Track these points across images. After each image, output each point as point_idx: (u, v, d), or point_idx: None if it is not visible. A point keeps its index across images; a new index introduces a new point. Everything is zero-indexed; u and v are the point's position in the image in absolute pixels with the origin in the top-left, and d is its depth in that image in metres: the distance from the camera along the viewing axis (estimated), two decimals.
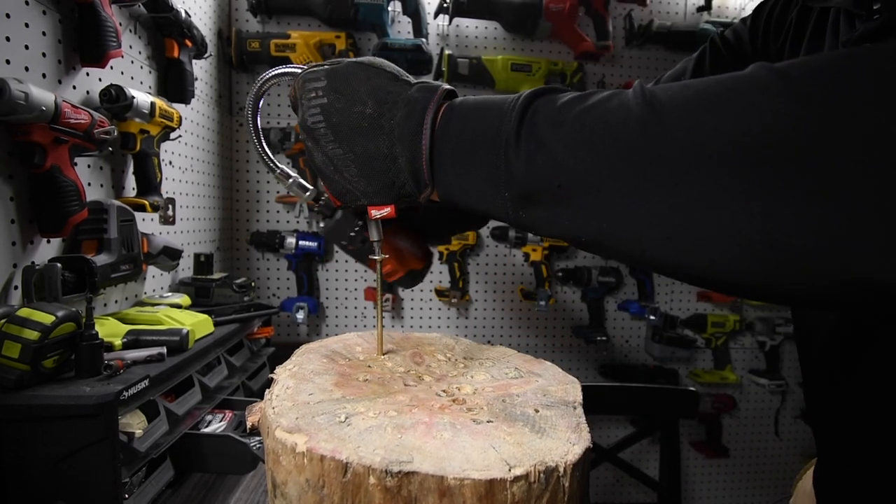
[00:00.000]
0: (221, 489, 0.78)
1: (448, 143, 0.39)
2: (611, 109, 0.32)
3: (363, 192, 0.44)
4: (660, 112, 0.29)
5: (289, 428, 0.38)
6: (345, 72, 0.42)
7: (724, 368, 1.84)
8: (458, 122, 0.39)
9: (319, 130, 0.42)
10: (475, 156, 0.37)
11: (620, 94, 0.32)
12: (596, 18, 1.65)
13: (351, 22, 1.52)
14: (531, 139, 0.34)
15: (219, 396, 0.88)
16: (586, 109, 0.33)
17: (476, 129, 0.38)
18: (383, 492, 0.33)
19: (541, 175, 0.34)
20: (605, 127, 0.31)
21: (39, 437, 0.56)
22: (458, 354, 0.60)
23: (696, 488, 1.96)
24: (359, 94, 0.41)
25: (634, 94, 0.31)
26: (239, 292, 1.12)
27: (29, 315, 0.58)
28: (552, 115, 0.34)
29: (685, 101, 0.29)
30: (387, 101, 0.41)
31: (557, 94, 0.36)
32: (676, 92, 0.30)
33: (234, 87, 1.61)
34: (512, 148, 0.35)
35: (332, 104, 0.42)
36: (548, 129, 0.34)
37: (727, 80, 0.28)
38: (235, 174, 1.64)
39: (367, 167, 0.42)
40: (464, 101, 0.40)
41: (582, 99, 0.34)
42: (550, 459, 0.36)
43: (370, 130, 0.41)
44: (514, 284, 1.77)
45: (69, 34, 0.79)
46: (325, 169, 0.44)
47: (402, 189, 0.42)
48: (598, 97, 0.33)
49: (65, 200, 0.72)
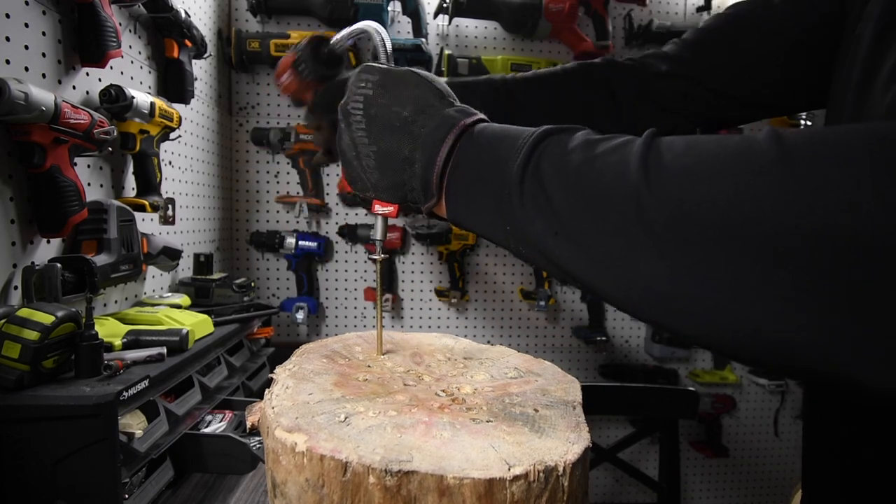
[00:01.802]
0: (221, 489, 0.78)
1: (462, 168, 0.40)
2: (611, 166, 0.32)
3: (374, 184, 0.45)
4: (656, 176, 0.29)
5: (289, 427, 0.38)
6: (398, 74, 0.45)
7: (724, 368, 1.84)
8: (475, 149, 0.40)
9: (356, 116, 0.45)
10: (484, 185, 0.38)
11: (627, 146, 0.32)
12: (595, 18, 1.65)
13: (351, 22, 1.52)
14: (534, 181, 0.35)
15: (219, 396, 0.88)
16: (589, 160, 0.33)
17: (489, 159, 0.38)
18: (383, 491, 0.34)
19: (539, 219, 0.34)
20: (602, 187, 0.31)
21: (39, 437, 0.56)
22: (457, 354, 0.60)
23: (696, 488, 1.96)
24: (402, 97, 0.43)
25: (638, 151, 0.31)
26: (239, 292, 1.12)
27: (29, 315, 0.58)
28: (557, 160, 0.34)
29: (683, 169, 0.29)
30: (425, 111, 0.42)
31: (570, 135, 0.36)
32: (680, 154, 0.29)
33: (234, 87, 1.61)
34: (515, 186, 0.35)
35: (375, 98, 0.44)
36: (550, 175, 0.34)
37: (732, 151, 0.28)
38: (235, 174, 1.64)
39: (385, 163, 0.44)
40: (486, 128, 0.41)
41: (589, 147, 0.34)
42: (550, 459, 0.36)
43: (400, 131, 0.42)
44: (514, 284, 1.77)
45: (69, 34, 0.79)
46: (348, 152, 0.46)
47: (410, 193, 0.44)
48: (604, 148, 0.33)
49: (65, 200, 0.72)
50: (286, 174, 1.65)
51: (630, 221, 0.30)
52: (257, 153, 1.64)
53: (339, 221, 1.68)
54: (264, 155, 1.64)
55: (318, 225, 1.68)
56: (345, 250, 1.69)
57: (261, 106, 1.62)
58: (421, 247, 1.72)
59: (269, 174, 1.65)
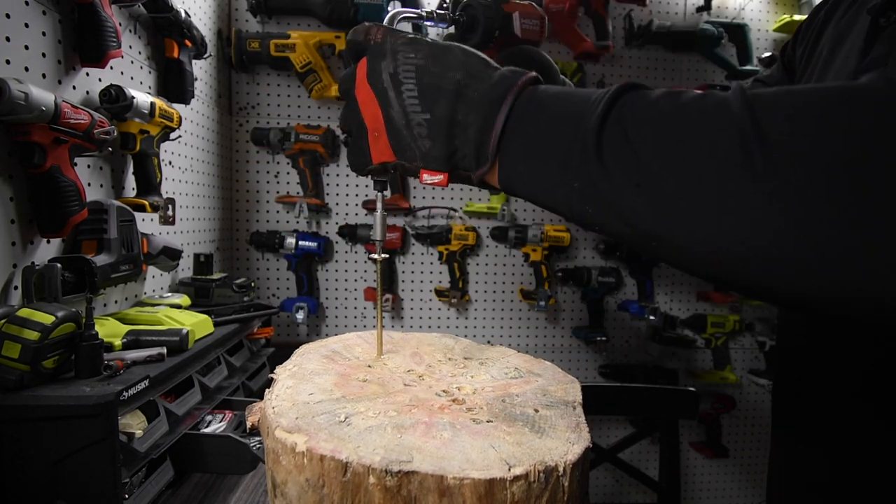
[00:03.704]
0: (221, 489, 0.78)
1: (522, 126, 0.39)
2: (708, 109, 0.30)
3: (424, 153, 0.44)
4: (760, 120, 0.27)
5: (289, 428, 0.38)
6: (445, 45, 0.44)
7: (724, 368, 1.84)
8: (537, 107, 0.38)
9: (407, 85, 0.43)
10: (550, 141, 0.36)
11: (717, 95, 0.30)
12: (595, 18, 1.65)
13: (351, 22, 1.52)
14: (616, 133, 0.33)
15: (219, 397, 0.88)
16: (680, 106, 0.31)
17: (557, 114, 0.37)
18: (383, 491, 0.33)
19: (620, 171, 0.32)
20: (700, 129, 0.29)
21: (39, 437, 0.56)
22: (457, 354, 0.60)
23: (696, 488, 1.96)
24: (453, 64, 0.43)
25: (734, 95, 0.29)
26: (239, 292, 1.12)
27: (29, 315, 0.58)
28: (642, 110, 0.33)
29: (790, 110, 0.27)
30: (477, 75, 0.42)
31: (649, 90, 0.34)
32: (782, 97, 0.28)
33: (234, 87, 1.61)
34: (592, 138, 0.33)
35: (427, 66, 0.43)
36: (635, 125, 0.32)
37: (839, 91, 0.27)
38: (235, 174, 1.64)
39: (438, 129, 0.43)
40: (548, 88, 0.40)
41: (675, 96, 0.32)
42: (550, 459, 0.36)
43: (454, 95, 0.41)
44: (514, 284, 1.77)
45: (69, 34, 0.79)
46: (398, 121, 0.44)
47: (461, 161, 0.43)
48: (693, 95, 0.31)
49: (65, 200, 0.72)
50: (286, 174, 1.65)
51: (735, 167, 0.27)
52: (257, 153, 1.64)
53: (339, 221, 1.68)
54: (264, 155, 1.64)
55: (318, 225, 1.68)
56: (345, 250, 1.69)
57: (261, 106, 1.62)
58: (421, 247, 1.72)
59: (269, 174, 1.65)
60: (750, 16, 1.81)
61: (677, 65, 1.80)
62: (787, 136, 0.26)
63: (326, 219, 1.68)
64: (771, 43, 1.85)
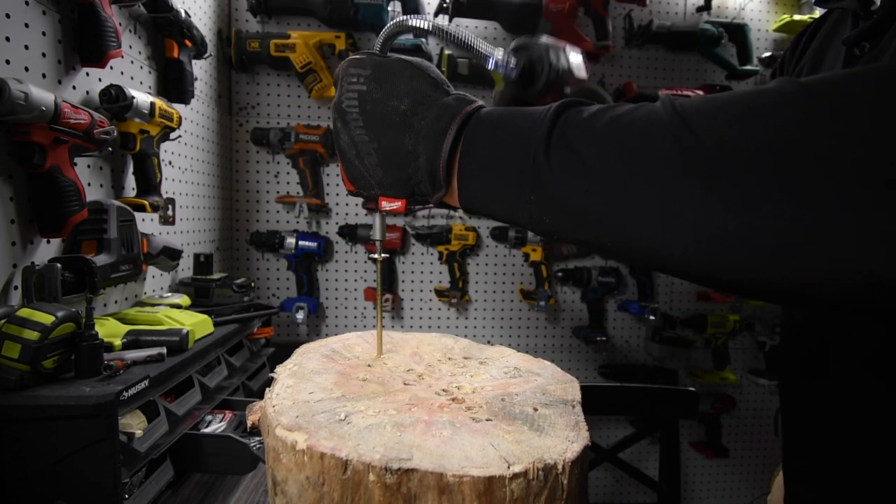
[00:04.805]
0: (221, 489, 0.79)
1: (475, 148, 0.40)
2: (640, 118, 0.32)
3: (378, 181, 0.45)
4: (690, 121, 0.30)
5: (289, 426, 0.38)
6: (390, 66, 0.43)
7: (724, 369, 1.84)
8: (487, 129, 0.40)
9: (352, 115, 0.43)
10: (503, 160, 0.38)
11: (647, 105, 0.33)
12: (595, 18, 1.65)
13: (351, 22, 1.52)
14: (562, 145, 0.35)
15: (219, 396, 0.88)
16: (616, 118, 0.34)
17: (506, 134, 0.38)
18: (383, 489, 0.34)
19: (569, 179, 0.34)
20: (636, 134, 0.32)
21: (39, 437, 0.56)
22: (457, 354, 0.60)
23: (696, 488, 1.96)
24: (398, 90, 0.42)
25: (663, 104, 0.32)
26: (239, 292, 1.12)
27: (29, 315, 0.59)
28: (583, 122, 0.35)
29: (714, 111, 0.30)
30: (423, 102, 0.42)
31: (586, 105, 0.36)
32: (704, 103, 0.31)
33: (234, 87, 1.61)
34: (542, 153, 0.35)
35: (370, 93, 0.43)
36: (578, 135, 0.34)
37: (755, 93, 0.29)
38: (235, 174, 1.64)
39: (388, 159, 0.43)
40: (493, 111, 0.41)
41: (610, 109, 0.35)
42: (549, 457, 0.36)
43: (400, 125, 0.42)
44: (514, 284, 1.77)
45: (69, 34, 0.79)
46: (348, 152, 0.45)
47: (416, 187, 0.43)
48: (626, 108, 0.34)
49: (65, 200, 0.72)
50: (286, 174, 1.65)
51: (673, 163, 0.30)
52: (257, 153, 1.64)
53: (339, 221, 1.68)
54: (264, 155, 1.64)
55: (318, 225, 1.68)
56: (345, 250, 1.69)
57: (261, 106, 1.63)
58: (421, 247, 1.72)
59: (269, 174, 1.65)
60: (750, 16, 1.81)
61: (677, 65, 1.80)
62: (714, 131, 0.29)
63: (326, 219, 1.68)
64: (771, 43, 1.85)
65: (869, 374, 0.44)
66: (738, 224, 0.28)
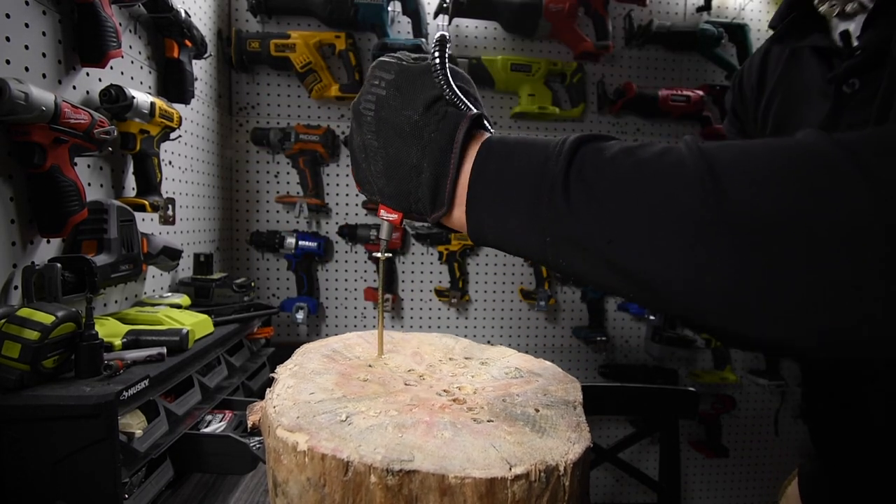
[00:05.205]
0: (221, 489, 0.78)
1: (486, 178, 0.38)
2: (666, 168, 0.31)
3: (380, 189, 0.44)
4: (720, 177, 0.29)
5: (290, 427, 0.38)
6: (414, 73, 0.42)
7: (724, 369, 1.84)
8: (497, 160, 0.38)
9: (367, 117, 0.42)
10: (515, 196, 0.36)
11: (673, 149, 0.32)
12: (595, 18, 1.65)
13: (351, 22, 1.52)
14: (581, 188, 0.33)
15: (219, 396, 0.88)
16: (639, 164, 0.32)
17: (518, 168, 0.36)
18: (384, 490, 0.33)
19: (591, 227, 0.33)
20: (663, 188, 0.31)
21: (39, 437, 0.56)
22: (458, 354, 0.60)
23: (696, 488, 1.96)
24: (416, 100, 0.41)
25: (689, 150, 0.31)
26: (239, 292, 1.12)
27: (29, 315, 0.58)
28: (603, 165, 0.33)
29: (746, 169, 0.29)
30: (437, 112, 0.40)
31: (604, 143, 0.35)
32: (737, 155, 0.30)
33: (234, 87, 1.61)
34: (559, 193, 0.34)
35: (388, 99, 0.41)
36: (598, 180, 0.33)
37: (788, 151, 0.29)
38: (235, 174, 1.64)
39: (393, 169, 0.42)
40: (503, 139, 0.39)
41: (631, 153, 0.33)
42: (551, 458, 0.36)
43: (409, 136, 0.40)
44: (514, 284, 1.77)
45: (69, 34, 0.79)
46: (358, 153, 0.45)
47: (415, 204, 0.42)
48: (649, 152, 0.33)
49: (65, 200, 0.71)
50: (286, 174, 1.65)
51: (699, 220, 0.29)
52: (257, 153, 1.64)
53: (339, 221, 1.68)
54: (264, 155, 1.64)
55: (318, 225, 1.68)
56: (345, 250, 1.69)
57: (261, 106, 1.62)
58: (421, 247, 1.72)
59: (269, 174, 1.65)
60: (750, 16, 1.81)
61: (677, 65, 1.80)
62: (746, 190, 0.28)
63: (326, 219, 1.68)
64: None
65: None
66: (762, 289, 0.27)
